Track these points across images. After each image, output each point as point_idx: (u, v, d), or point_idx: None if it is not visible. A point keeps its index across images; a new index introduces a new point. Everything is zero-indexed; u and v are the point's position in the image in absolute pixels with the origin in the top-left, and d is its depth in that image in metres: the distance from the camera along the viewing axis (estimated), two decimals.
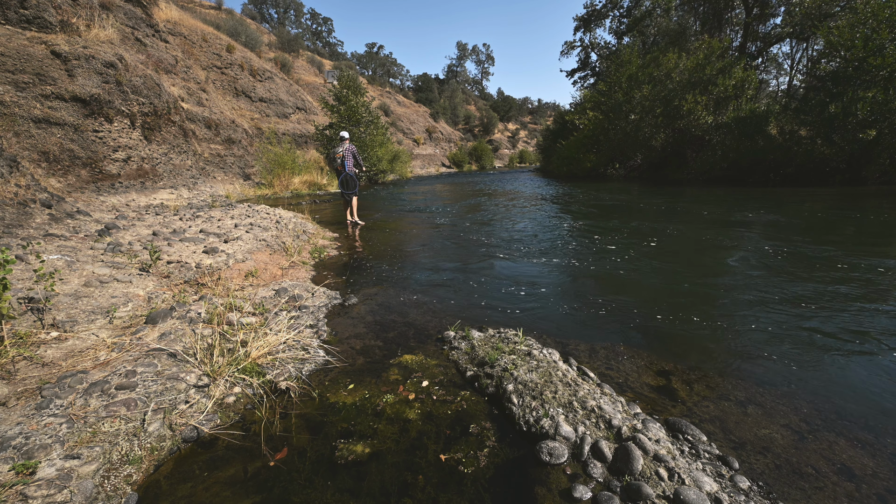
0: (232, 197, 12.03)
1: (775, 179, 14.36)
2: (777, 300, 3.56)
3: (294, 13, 58.42)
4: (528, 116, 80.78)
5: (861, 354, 2.65)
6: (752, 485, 1.65)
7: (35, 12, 7.75)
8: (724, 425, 2.04)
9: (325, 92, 27.41)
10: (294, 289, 3.92)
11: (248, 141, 16.99)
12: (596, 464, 1.73)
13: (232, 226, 6.26)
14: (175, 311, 3.02)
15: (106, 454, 1.69)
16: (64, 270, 3.34)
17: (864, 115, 12.36)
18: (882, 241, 5.54)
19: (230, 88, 19.77)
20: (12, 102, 6.76)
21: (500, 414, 2.14)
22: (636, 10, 28.13)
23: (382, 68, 61.25)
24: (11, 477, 1.49)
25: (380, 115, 24.43)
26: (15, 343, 2.29)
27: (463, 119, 59.45)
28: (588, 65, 34.42)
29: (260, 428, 2.03)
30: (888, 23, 12.00)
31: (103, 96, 7.90)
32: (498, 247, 5.98)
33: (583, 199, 11.79)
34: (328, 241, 6.65)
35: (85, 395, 1.98)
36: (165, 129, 9.84)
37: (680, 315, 3.33)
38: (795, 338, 2.89)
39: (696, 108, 17.90)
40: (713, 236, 6.14)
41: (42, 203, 5.04)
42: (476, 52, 77.91)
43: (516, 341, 2.79)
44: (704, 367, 2.57)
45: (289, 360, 2.60)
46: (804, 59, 22.77)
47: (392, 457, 1.83)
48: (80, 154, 7.44)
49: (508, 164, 57.16)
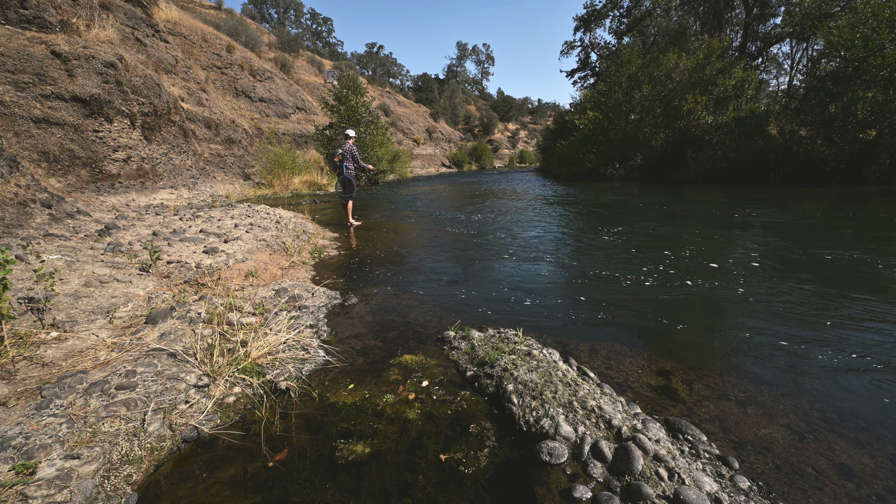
0: (232, 197, 12.03)
1: (775, 179, 14.36)
2: (777, 300, 3.56)
3: (294, 13, 58.42)
4: (528, 116, 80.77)
5: (861, 354, 2.65)
6: (752, 485, 1.65)
7: (35, 12, 7.75)
8: (724, 425, 2.04)
9: (325, 92, 27.38)
10: (294, 289, 3.92)
11: (248, 141, 16.99)
12: (596, 464, 1.73)
13: (232, 226, 6.26)
14: (175, 311, 3.02)
15: (106, 454, 1.69)
16: (64, 270, 3.34)
17: (864, 115, 12.36)
18: (882, 241, 5.54)
19: (230, 88, 19.76)
20: (12, 102, 6.76)
21: (500, 414, 2.14)
22: (636, 10, 28.12)
23: (382, 68, 61.23)
24: (11, 477, 1.49)
25: (380, 115, 24.42)
26: (15, 343, 2.28)
27: (463, 119, 59.44)
28: (588, 65, 34.43)
29: (260, 428, 2.03)
30: (888, 23, 12.01)
31: (103, 96, 7.90)
32: (498, 247, 5.98)
33: (583, 200, 11.79)
34: (328, 241, 6.65)
35: (85, 395, 1.98)
36: (165, 129, 9.84)
37: (680, 315, 3.33)
38: (796, 338, 2.89)
39: (696, 108, 17.91)
40: (713, 236, 6.14)
41: (42, 203, 5.04)
42: (476, 52, 77.90)
43: (516, 341, 2.78)
44: (704, 367, 2.57)
45: (289, 360, 2.60)
46: (804, 59, 22.77)
47: (392, 457, 1.83)
48: (80, 154, 7.44)
49: (508, 164, 57.16)
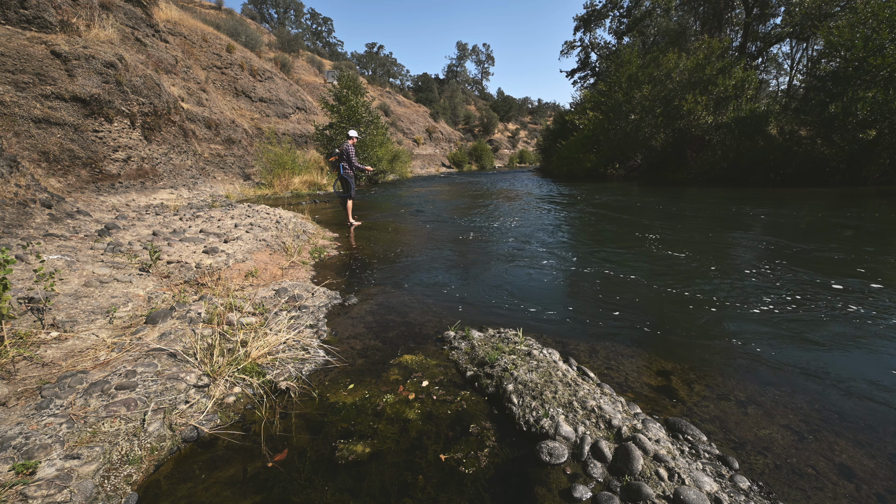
0: (232, 197, 12.03)
1: (775, 179, 14.36)
2: (777, 300, 3.56)
3: (294, 13, 58.42)
4: (528, 116, 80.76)
5: (861, 354, 2.65)
6: (752, 485, 1.65)
7: (35, 12, 7.75)
8: (724, 425, 2.04)
9: (325, 92, 27.37)
10: (294, 289, 3.92)
11: (248, 141, 16.99)
12: (596, 464, 1.73)
13: (232, 226, 6.26)
14: (175, 311, 3.02)
15: (106, 454, 1.69)
16: (64, 270, 3.34)
17: (864, 115, 12.37)
18: (882, 241, 5.54)
19: (230, 88, 19.76)
20: (12, 102, 6.76)
21: (500, 414, 2.14)
22: (636, 10, 28.12)
23: (382, 68, 61.23)
24: (11, 477, 1.49)
25: (380, 115, 24.41)
26: (15, 343, 2.28)
27: (463, 119, 59.42)
28: (588, 65, 34.43)
29: (260, 428, 2.03)
30: (888, 23, 12.01)
31: (103, 96, 7.90)
32: (497, 246, 5.98)
33: (583, 200, 11.79)
34: (328, 241, 6.65)
35: (85, 395, 1.98)
36: (165, 129, 9.84)
37: (680, 315, 3.33)
38: (796, 338, 2.89)
39: (696, 108, 17.91)
40: (714, 236, 6.14)
41: (42, 203, 5.04)
42: (476, 52, 77.88)
43: (516, 341, 2.78)
44: (704, 367, 2.57)
45: (289, 360, 2.60)
46: (804, 59, 22.78)
47: (392, 457, 1.83)
48: (80, 154, 7.44)
49: (508, 164, 57.14)
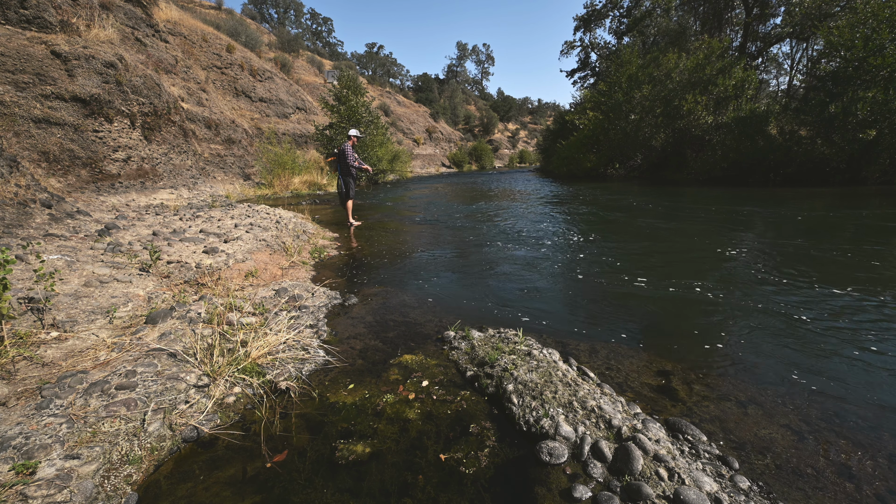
0: (232, 197, 12.03)
1: (775, 179, 14.36)
2: (777, 300, 3.56)
3: (294, 13, 58.45)
4: (528, 116, 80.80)
5: (861, 354, 2.65)
6: (752, 485, 1.65)
7: (35, 12, 7.75)
8: (724, 425, 2.04)
9: (325, 92, 27.38)
10: (294, 289, 3.92)
11: (248, 141, 16.99)
12: (596, 464, 1.73)
13: (232, 226, 6.26)
14: (175, 311, 3.01)
15: (106, 454, 1.69)
16: (64, 270, 3.34)
17: (864, 115, 12.36)
18: (882, 241, 5.54)
19: (230, 88, 19.76)
20: (12, 102, 6.76)
21: (500, 414, 2.14)
22: (636, 10, 28.12)
23: (382, 68, 61.25)
24: (11, 477, 1.49)
25: (380, 115, 24.40)
26: (15, 343, 2.28)
27: (463, 119, 59.44)
28: (588, 65, 34.44)
29: (260, 428, 2.03)
30: (888, 23, 12.00)
31: (103, 96, 7.90)
32: (497, 246, 5.98)
33: (583, 200, 11.79)
34: (328, 241, 6.65)
35: (85, 395, 1.98)
36: (165, 129, 9.84)
37: (680, 315, 3.33)
38: (796, 338, 2.89)
39: (696, 108, 17.91)
40: (713, 237, 6.14)
41: (42, 203, 5.04)
42: (476, 52, 77.94)
43: (516, 341, 2.78)
44: (704, 367, 2.57)
45: (289, 360, 2.60)
46: (804, 59, 22.79)
47: (392, 457, 1.83)
48: (80, 154, 7.44)
49: (508, 164, 57.15)
